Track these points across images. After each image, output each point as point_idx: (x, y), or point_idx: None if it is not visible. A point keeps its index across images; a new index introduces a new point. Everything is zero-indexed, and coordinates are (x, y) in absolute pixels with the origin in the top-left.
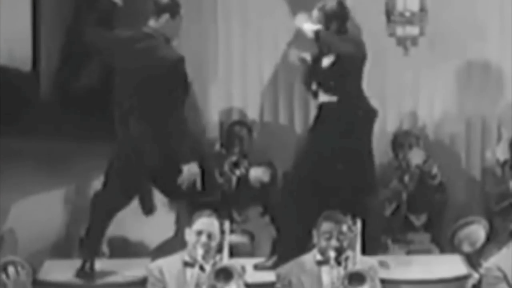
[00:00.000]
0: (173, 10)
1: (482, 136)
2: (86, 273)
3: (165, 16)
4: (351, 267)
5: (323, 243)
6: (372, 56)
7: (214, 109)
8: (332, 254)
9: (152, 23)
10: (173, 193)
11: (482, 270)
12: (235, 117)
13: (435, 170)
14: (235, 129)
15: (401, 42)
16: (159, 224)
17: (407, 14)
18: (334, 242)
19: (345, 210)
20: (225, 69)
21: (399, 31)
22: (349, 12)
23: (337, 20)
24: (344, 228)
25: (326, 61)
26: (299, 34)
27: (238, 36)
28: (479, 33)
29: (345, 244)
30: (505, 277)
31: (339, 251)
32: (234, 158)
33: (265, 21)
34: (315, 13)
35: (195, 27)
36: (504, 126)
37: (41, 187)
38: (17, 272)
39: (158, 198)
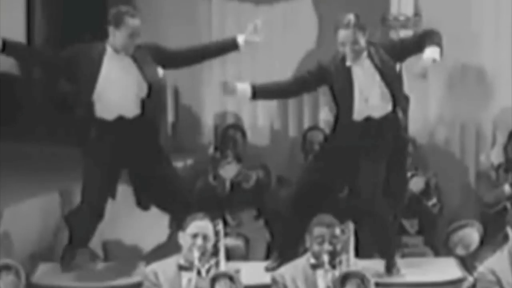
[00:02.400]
0: (114, 20)
1: (477, 140)
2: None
3: (110, 28)
4: (345, 270)
5: (316, 247)
6: None
7: (209, 113)
8: (325, 258)
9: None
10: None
11: (475, 274)
12: (230, 120)
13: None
14: (229, 133)
15: None
16: (153, 227)
17: (401, 18)
18: (327, 246)
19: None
20: (219, 72)
21: (393, 35)
22: None
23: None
24: (337, 231)
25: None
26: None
27: None
28: (473, 38)
29: (338, 247)
30: (498, 281)
31: (333, 254)
32: (227, 161)
33: (259, 24)
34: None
35: (189, 30)
36: (499, 130)
37: (35, 191)
38: (8, 274)
39: None
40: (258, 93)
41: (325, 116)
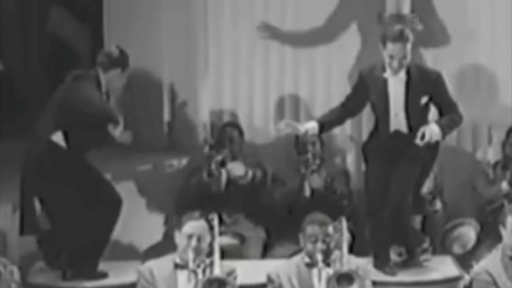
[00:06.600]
0: (125, 63)
1: (474, 138)
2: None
3: (117, 71)
4: (338, 267)
5: (310, 246)
6: None
7: (205, 111)
8: (319, 257)
9: (101, 74)
10: None
11: (471, 274)
12: (226, 119)
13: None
14: (226, 130)
15: None
16: (148, 226)
17: (398, 16)
18: (320, 245)
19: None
20: (216, 70)
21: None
22: None
23: None
24: (330, 229)
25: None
26: None
27: (228, 37)
28: (470, 36)
29: (331, 245)
30: (494, 281)
31: (326, 253)
32: (219, 158)
33: (256, 22)
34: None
35: (185, 28)
36: (495, 128)
37: None
38: None
39: (147, 201)
40: (326, 127)
41: None
